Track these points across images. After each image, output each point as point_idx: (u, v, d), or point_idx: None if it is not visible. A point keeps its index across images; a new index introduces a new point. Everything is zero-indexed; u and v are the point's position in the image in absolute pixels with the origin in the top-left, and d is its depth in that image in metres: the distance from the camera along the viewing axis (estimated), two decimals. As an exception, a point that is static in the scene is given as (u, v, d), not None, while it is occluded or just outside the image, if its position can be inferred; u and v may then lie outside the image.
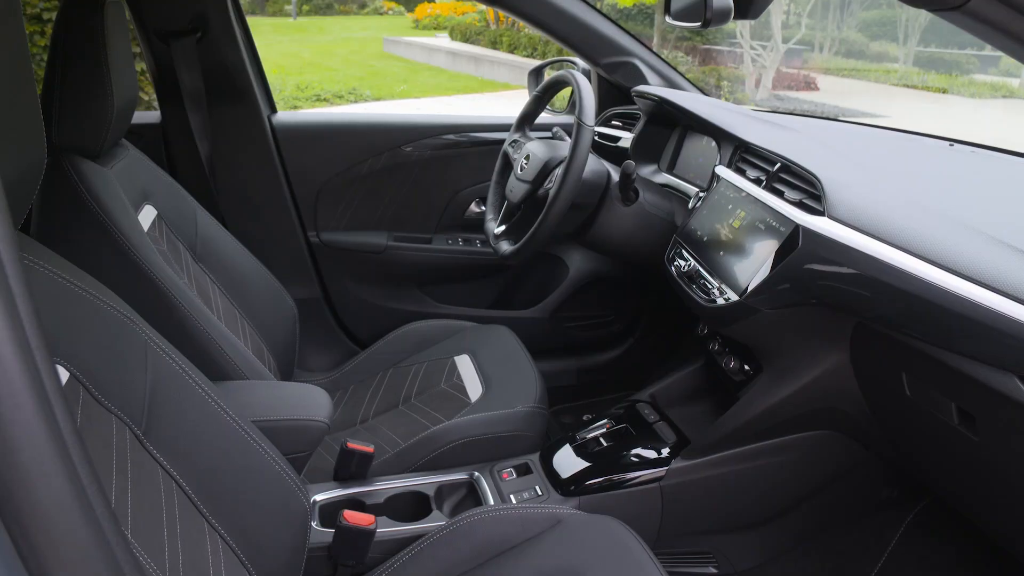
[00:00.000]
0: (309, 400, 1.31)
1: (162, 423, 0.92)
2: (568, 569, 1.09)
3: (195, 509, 0.93)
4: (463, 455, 1.47)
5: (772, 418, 1.42)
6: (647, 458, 1.49)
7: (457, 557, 1.17)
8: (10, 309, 0.47)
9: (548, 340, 2.22)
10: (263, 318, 1.67)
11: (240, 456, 1.00)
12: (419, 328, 1.93)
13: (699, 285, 1.43)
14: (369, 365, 1.88)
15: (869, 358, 1.26)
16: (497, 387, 1.62)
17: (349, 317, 2.22)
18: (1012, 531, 1.22)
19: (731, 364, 1.51)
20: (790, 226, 1.25)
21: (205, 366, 1.19)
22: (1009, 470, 1.07)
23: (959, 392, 1.07)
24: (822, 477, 1.58)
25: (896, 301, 1.06)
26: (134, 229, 1.29)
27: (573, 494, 1.44)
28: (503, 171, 1.87)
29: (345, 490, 1.39)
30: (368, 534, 1.20)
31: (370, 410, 1.69)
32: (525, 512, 1.21)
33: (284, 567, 1.05)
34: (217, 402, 0.99)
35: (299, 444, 1.27)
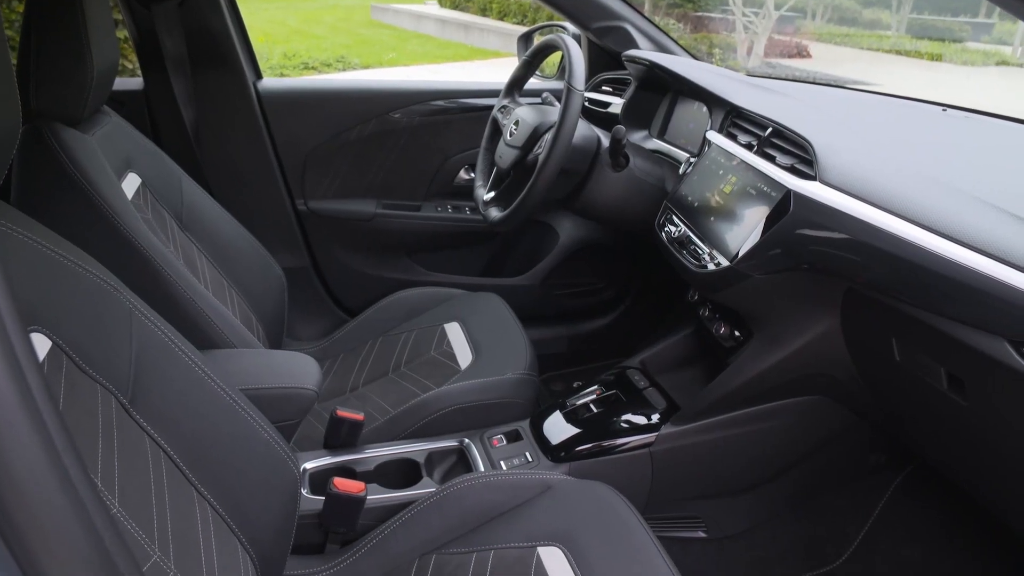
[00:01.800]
0: (298, 368, 1.30)
1: (148, 392, 0.91)
2: (558, 534, 1.10)
3: (183, 478, 0.92)
4: (453, 422, 1.47)
5: (761, 384, 1.43)
6: (637, 424, 1.50)
7: (447, 523, 1.17)
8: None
9: (538, 307, 2.22)
10: (251, 287, 1.66)
11: (228, 424, 0.99)
12: (408, 296, 1.92)
13: (690, 251, 1.42)
14: (358, 333, 1.88)
15: (859, 324, 1.26)
16: (487, 354, 1.62)
17: (338, 285, 2.20)
18: (998, 495, 1.23)
19: (721, 330, 1.51)
20: (781, 191, 1.24)
21: (192, 335, 1.18)
22: (997, 435, 1.08)
23: (949, 357, 1.07)
24: (811, 443, 1.59)
25: (887, 266, 1.06)
26: (118, 197, 1.27)
27: (563, 460, 1.44)
28: (492, 137, 1.85)
29: (335, 458, 1.38)
30: (358, 501, 1.20)
31: (360, 378, 1.69)
32: (515, 478, 1.21)
33: (274, 535, 1.04)
34: (204, 370, 0.98)
35: (288, 412, 1.26)
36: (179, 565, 0.83)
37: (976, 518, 1.57)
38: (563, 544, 1.08)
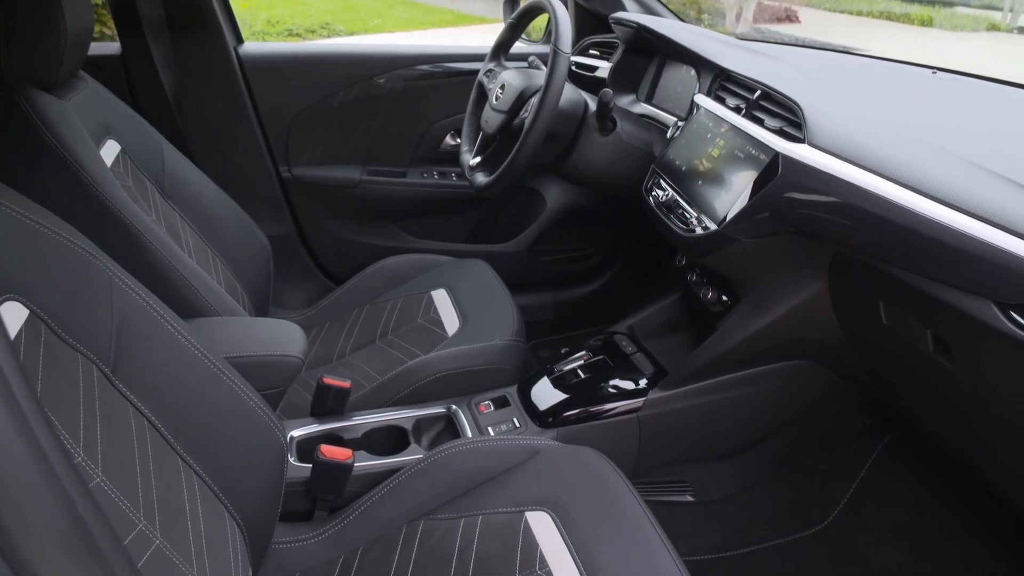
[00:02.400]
0: (283, 336, 1.29)
1: (130, 361, 0.90)
2: (546, 499, 1.10)
3: (168, 447, 0.91)
4: (440, 389, 1.47)
5: (749, 348, 1.43)
6: (624, 389, 1.50)
7: (435, 489, 1.17)
8: None
9: (526, 274, 2.21)
10: (235, 255, 1.64)
11: (213, 393, 0.98)
12: (395, 263, 1.91)
13: (677, 215, 1.42)
14: (345, 301, 1.86)
15: (847, 287, 1.26)
16: (474, 321, 1.61)
17: (323, 253, 2.19)
18: (981, 457, 1.24)
19: (709, 295, 1.50)
20: (770, 154, 1.23)
21: (176, 304, 1.16)
22: (980, 397, 1.08)
23: (935, 320, 1.07)
24: (798, 407, 1.60)
25: (876, 229, 1.05)
26: (96, 164, 1.25)
27: (551, 426, 1.44)
28: (478, 102, 1.82)
29: (322, 425, 1.38)
30: (346, 468, 1.20)
31: (347, 346, 1.68)
32: (503, 444, 1.21)
33: (262, 503, 1.04)
34: (187, 338, 0.97)
35: (273, 380, 1.25)
36: (165, 534, 0.82)
37: (960, 480, 1.59)
38: (551, 509, 1.08)
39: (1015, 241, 0.87)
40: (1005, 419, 1.06)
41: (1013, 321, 0.89)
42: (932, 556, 1.50)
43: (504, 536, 1.06)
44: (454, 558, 1.05)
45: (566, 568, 1.00)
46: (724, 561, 1.56)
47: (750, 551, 1.58)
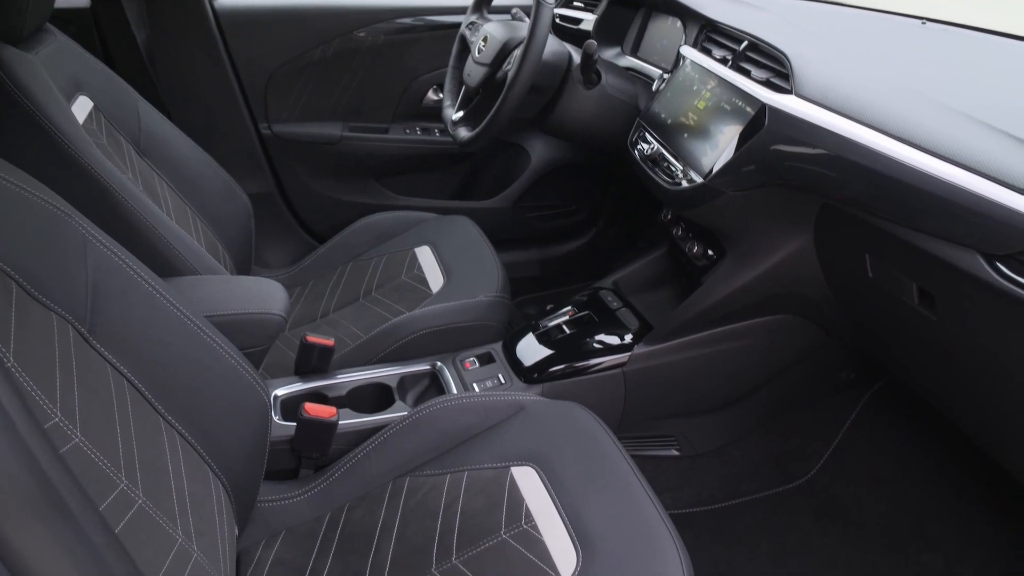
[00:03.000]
0: (264, 293, 1.28)
1: (108, 320, 0.88)
2: (531, 454, 1.10)
3: (149, 406, 0.90)
4: (425, 346, 1.46)
5: (734, 303, 1.42)
6: (610, 344, 1.49)
7: (420, 446, 1.17)
8: None
9: (510, 230, 2.19)
10: (216, 214, 1.61)
11: (193, 351, 0.97)
12: (378, 220, 1.88)
13: (663, 168, 1.40)
14: (328, 259, 1.85)
15: (833, 240, 1.25)
16: (458, 277, 1.60)
17: (306, 211, 2.16)
18: (964, 409, 1.25)
19: (694, 249, 1.50)
20: (756, 105, 1.22)
21: (154, 262, 1.14)
22: (964, 349, 1.08)
23: (921, 272, 1.07)
24: (782, 361, 1.60)
25: (864, 181, 1.04)
26: (67, 120, 1.21)
27: (536, 381, 1.44)
28: (460, 55, 1.79)
29: (306, 384, 1.37)
30: (330, 426, 1.19)
31: (330, 304, 1.67)
32: (488, 400, 1.20)
33: (246, 461, 1.04)
34: (166, 297, 0.95)
35: (255, 338, 1.24)
36: (148, 493, 0.81)
37: (943, 432, 1.61)
38: (537, 464, 1.08)
39: (1003, 192, 0.87)
40: (988, 370, 1.07)
41: (999, 272, 0.88)
42: (913, 507, 1.52)
43: (490, 491, 1.06)
44: (440, 514, 1.05)
45: (552, 522, 1.00)
46: (709, 514, 1.57)
47: (734, 504, 1.60)
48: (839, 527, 1.52)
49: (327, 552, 1.06)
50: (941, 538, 1.46)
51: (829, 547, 1.48)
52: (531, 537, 0.99)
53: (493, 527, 1.01)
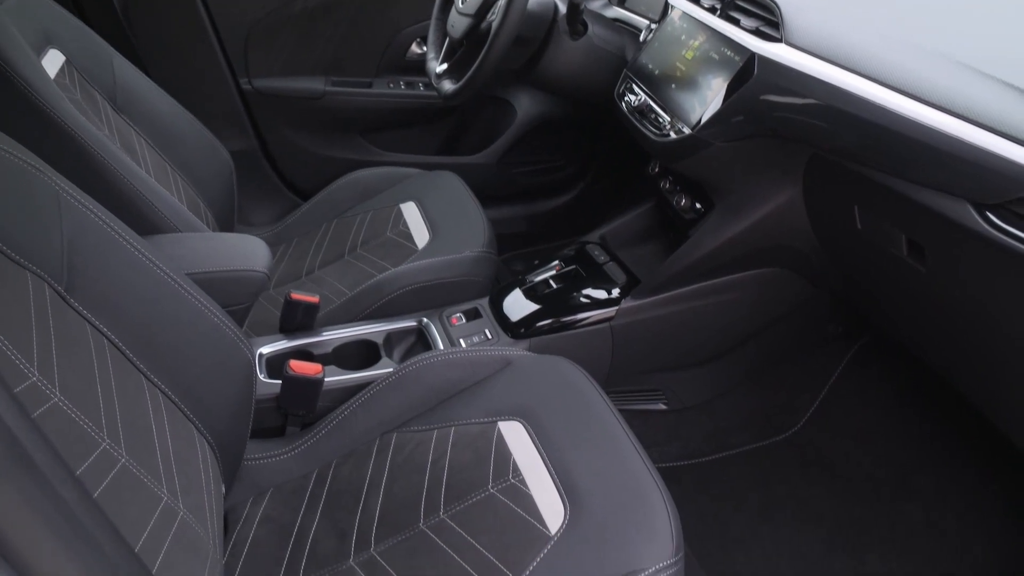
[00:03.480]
0: (245, 250, 1.26)
1: (85, 278, 0.86)
2: (518, 409, 1.09)
3: (131, 365, 0.89)
4: (411, 302, 1.45)
5: (722, 256, 1.42)
6: (597, 299, 1.49)
7: (407, 402, 1.16)
8: None
9: (497, 186, 2.17)
10: (197, 171, 1.59)
11: (174, 310, 0.95)
12: (362, 177, 1.86)
13: (650, 120, 1.38)
14: (312, 217, 1.82)
15: (822, 192, 1.24)
16: (444, 233, 1.58)
17: (289, 168, 2.12)
18: (951, 361, 1.25)
19: (682, 202, 1.48)
20: (745, 55, 1.20)
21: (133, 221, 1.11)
22: (953, 300, 1.08)
23: (911, 223, 1.06)
24: (769, 314, 1.60)
25: (855, 131, 1.03)
26: (37, 74, 1.18)
27: (523, 336, 1.43)
28: (444, 6, 1.75)
29: (291, 342, 1.36)
30: (316, 383, 1.19)
31: (315, 262, 1.65)
32: (474, 355, 1.20)
33: (231, 419, 1.03)
34: (145, 254, 0.93)
35: (238, 296, 1.22)
36: (131, 452, 0.81)
37: (928, 385, 1.62)
38: (524, 418, 1.08)
39: (996, 140, 0.86)
40: (976, 321, 1.07)
41: (989, 222, 0.88)
42: (897, 459, 1.54)
43: (477, 446, 1.06)
44: (427, 469, 1.05)
45: (539, 476, 1.00)
46: (696, 467, 1.59)
47: (721, 457, 1.61)
48: (825, 480, 1.53)
49: (315, 509, 1.06)
50: (923, 489, 1.48)
51: (815, 499, 1.49)
52: (519, 491, 0.99)
53: (480, 482, 1.01)
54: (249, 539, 1.04)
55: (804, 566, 1.38)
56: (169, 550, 0.79)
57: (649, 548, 0.90)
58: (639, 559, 0.88)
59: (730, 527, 1.45)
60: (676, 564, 0.89)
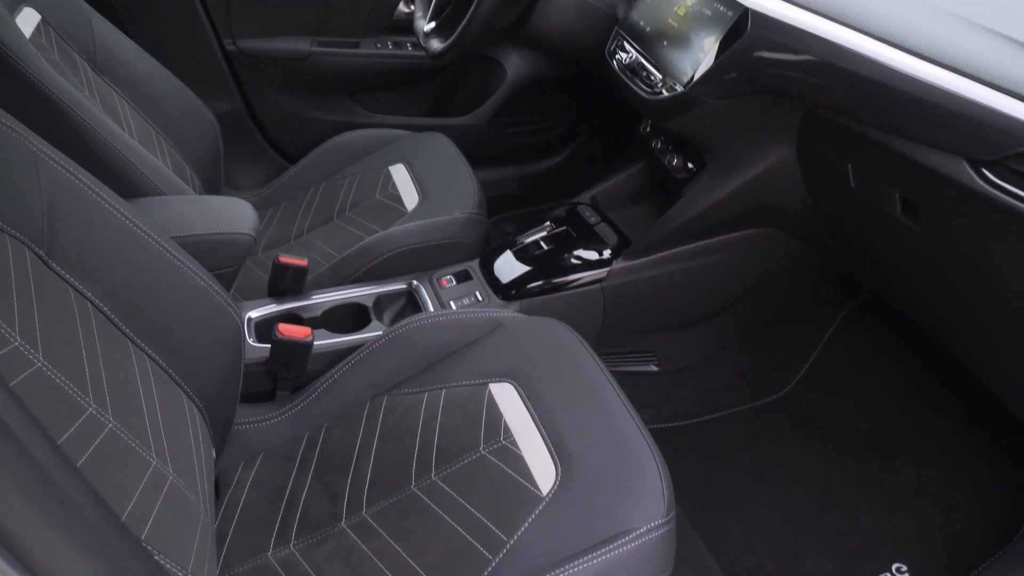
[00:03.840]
0: (232, 212, 1.24)
1: (67, 242, 0.85)
2: (509, 370, 1.09)
3: (116, 330, 0.88)
4: (401, 264, 1.43)
5: (714, 215, 1.41)
6: (588, 260, 1.48)
7: (397, 364, 1.15)
8: None
9: (487, 147, 2.15)
10: (181, 134, 1.56)
11: (160, 274, 0.94)
12: (350, 139, 1.83)
13: (642, 78, 1.36)
14: (300, 180, 1.80)
15: (815, 150, 1.23)
16: (434, 195, 1.57)
17: (275, 130, 2.09)
18: (944, 321, 1.25)
19: (674, 162, 1.47)
20: (738, 10, 1.17)
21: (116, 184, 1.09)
22: (947, 259, 1.08)
23: (905, 181, 1.05)
24: (762, 275, 1.60)
25: (850, 86, 1.01)
26: (12, 33, 1.14)
27: (514, 298, 1.42)
28: None
29: (280, 305, 1.35)
30: (305, 346, 1.18)
31: (304, 225, 1.63)
32: (465, 317, 1.19)
33: (220, 383, 1.02)
34: (129, 218, 0.92)
35: (225, 259, 1.21)
36: (118, 417, 0.80)
37: (920, 346, 1.62)
38: (515, 380, 1.07)
39: (993, 94, 0.85)
40: (970, 281, 1.06)
41: (984, 179, 0.87)
42: (887, 418, 1.55)
43: (468, 408, 1.06)
44: (418, 431, 1.05)
45: (531, 438, 1.00)
46: (687, 428, 1.59)
47: (713, 418, 1.61)
48: (816, 440, 1.54)
49: (306, 472, 1.06)
50: (914, 448, 1.49)
51: (806, 459, 1.50)
52: (510, 452, 0.99)
53: (472, 443, 1.01)
54: (241, 503, 1.04)
55: (795, 525, 1.39)
56: (159, 514, 0.78)
57: (640, 508, 0.90)
58: (630, 519, 0.89)
59: (721, 487, 1.46)
60: (667, 524, 0.90)
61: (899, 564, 1.30)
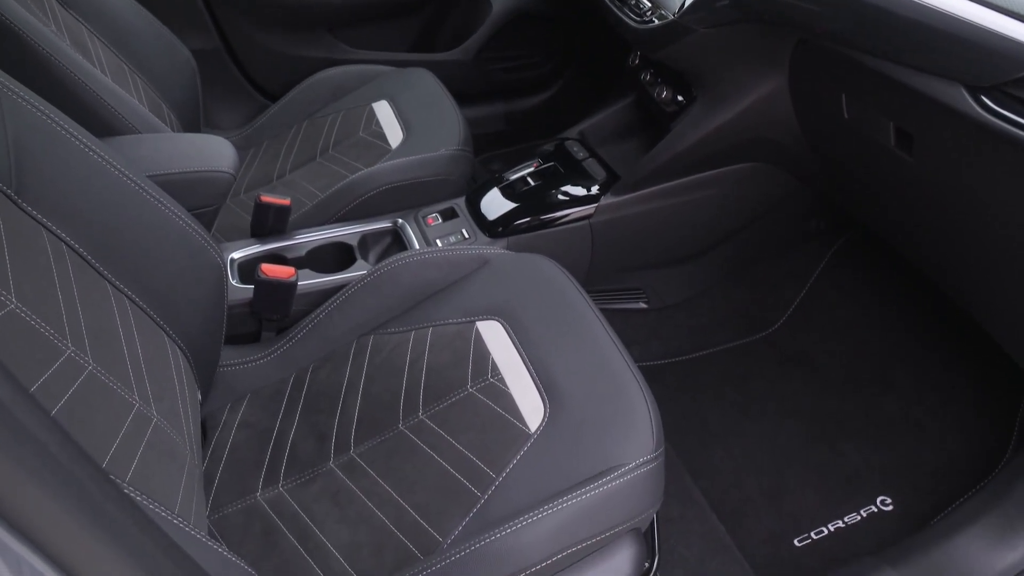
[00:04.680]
0: (209, 150, 1.21)
1: (37, 181, 0.82)
2: (497, 308, 1.08)
3: (94, 272, 0.86)
4: (386, 203, 1.41)
5: (704, 149, 1.38)
6: (576, 196, 1.45)
7: (383, 303, 1.14)
8: None
9: (473, 84, 2.10)
10: (156, 72, 1.51)
11: (136, 213, 0.92)
12: (333, 75, 1.79)
13: (631, 6, 1.32)
14: (282, 118, 1.76)
15: (808, 80, 1.20)
16: (419, 131, 1.53)
17: (255, 68, 2.04)
18: (935, 255, 1.24)
19: (663, 94, 1.44)
20: (730, -67, 1.13)
21: (88, 122, 1.06)
22: (940, 191, 1.06)
23: (900, 111, 1.03)
24: (751, 210, 1.58)
25: (848, 12, 0.98)
26: None
27: (501, 236, 1.40)
28: None
29: (264, 246, 1.32)
30: (289, 286, 1.16)
31: (286, 165, 1.60)
32: (451, 254, 1.17)
33: (203, 325, 1.01)
34: (101, 155, 0.89)
35: (204, 198, 1.18)
36: (98, 359, 0.78)
37: (908, 282, 1.61)
38: (502, 317, 1.06)
39: (993, 16, 0.82)
40: (964, 213, 1.05)
41: (983, 106, 0.85)
42: (874, 353, 1.55)
43: (455, 346, 1.05)
44: (405, 370, 1.04)
45: (518, 375, 0.99)
46: (676, 365, 1.59)
47: (702, 355, 1.61)
48: (803, 375, 1.54)
49: (293, 412, 1.05)
50: (899, 383, 1.49)
51: (793, 395, 1.51)
52: (498, 390, 0.98)
53: (459, 381, 1.00)
54: (228, 444, 1.03)
55: (782, 458, 1.40)
56: (144, 455, 0.77)
57: (629, 444, 0.89)
58: (619, 454, 0.88)
59: (710, 423, 1.47)
60: (656, 459, 0.89)
61: (884, 496, 1.32)
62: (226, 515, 0.95)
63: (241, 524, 0.94)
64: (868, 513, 1.31)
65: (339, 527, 0.91)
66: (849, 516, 1.30)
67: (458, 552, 0.83)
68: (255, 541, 0.92)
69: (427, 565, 0.83)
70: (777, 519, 1.31)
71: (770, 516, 1.32)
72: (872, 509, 1.31)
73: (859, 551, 1.25)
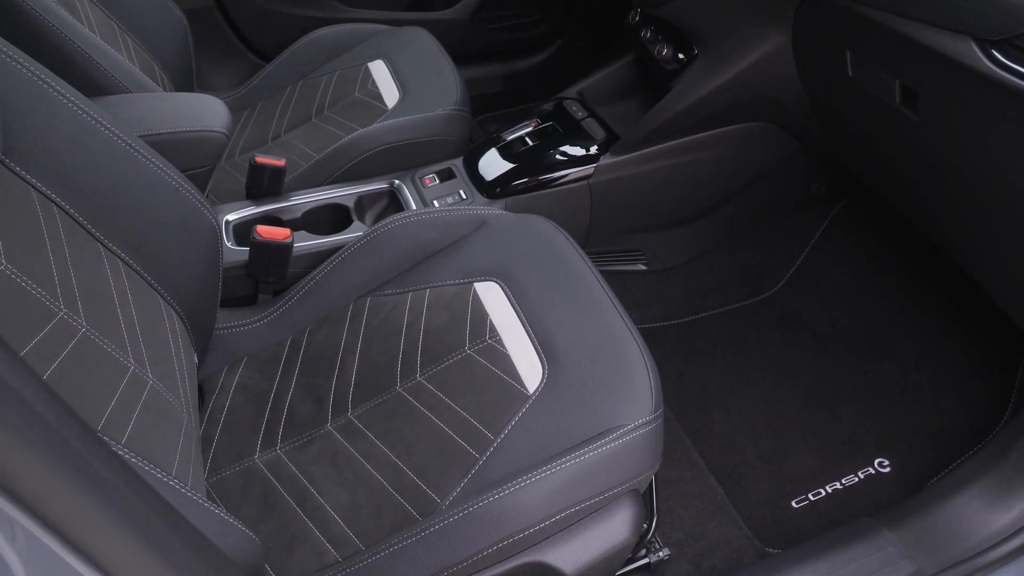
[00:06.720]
0: (202, 109, 1.19)
1: (26, 141, 0.80)
2: (495, 269, 1.07)
3: (86, 233, 0.85)
4: (382, 163, 1.39)
5: (704, 108, 1.36)
6: (575, 156, 1.44)
7: (381, 264, 1.13)
8: None
9: (470, 44, 2.07)
10: (147, 31, 1.48)
11: (128, 174, 0.90)
12: (328, 35, 1.76)
13: (630, -38, 1.30)
14: (276, 78, 1.74)
15: (812, 37, 1.18)
16: (415, 91, 1.51)
17: (248, 27, 2.00)
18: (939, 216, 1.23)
19: (664, 52, 1.41)
20: None
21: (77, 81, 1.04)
22: (945, 149, 1.05)
23: (906, 67, 1.01)
24: (752, 171, 1.57)
25: None
26: None
27: (499, 196, 1.39)
28: None
29: (259, 208, 1.31)
30: (284, 248, 1.14)
31: (281, 126, 1.58)
32: (449, 215, 1.16)
33: (199, 287, 1.00)
34: (91, 115, 0.87)
35: (197, 158, 1.16)
36: (92, 322, 0.77)
37: (908, 246, 1.60)
38: (500, 278, 1.05)
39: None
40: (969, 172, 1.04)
41: (993, 60, 0.83)
42: (873, 318, 1.54)
43: (453, 308, 1.04)
44: (403, 332, 1.03)
45: (517, 336, 0.98)
46: (675, 327, 1.58)
47: (701, 317, 1.60)
48: (802, 339, 1.53)
49: (290, 375, 1.05)
50: (898, 347, 1.49)
51: (791, 358, 1.50)
52: (496, 351, 0.97)
53: (457, 343, 1.00)
54: (225, 407, 1.03)
55: (780, 421, 1.40)
56: (140, 418, 0.77)
57: (628, 405, 0.89)
58: (618, 416, 0.88)
59: (708, 385, 1.46)
60: (655, 421, 0.89)
61: (881, 459, 1.32)
62: (224, 478, 0.95)
63: (239, 487, 0.94)
64: (865, 475, 1.31)
65: (337, 489, 0.91)
66: (847, 478, 1.31)
67: (457, 513, 0.83)
68: (254, 503, 0.92)
69: (426, 526, 0.83)
70: (775, 481, 1.31)
71: (768, 478, 1.32)
72: (869, 471, 1.31)
73: (856, 513, 1.25)
